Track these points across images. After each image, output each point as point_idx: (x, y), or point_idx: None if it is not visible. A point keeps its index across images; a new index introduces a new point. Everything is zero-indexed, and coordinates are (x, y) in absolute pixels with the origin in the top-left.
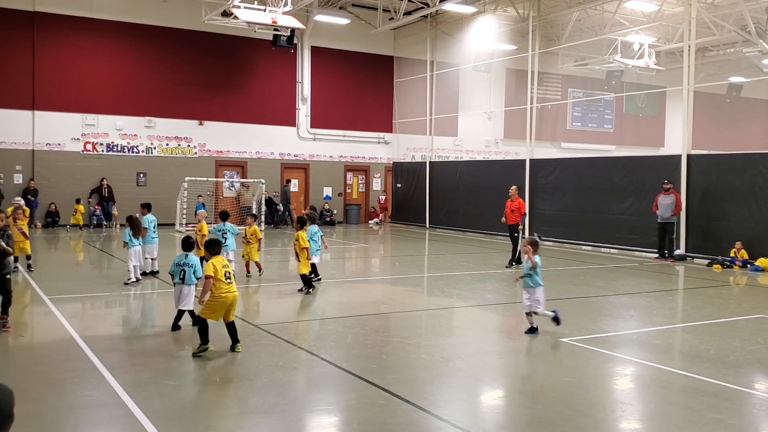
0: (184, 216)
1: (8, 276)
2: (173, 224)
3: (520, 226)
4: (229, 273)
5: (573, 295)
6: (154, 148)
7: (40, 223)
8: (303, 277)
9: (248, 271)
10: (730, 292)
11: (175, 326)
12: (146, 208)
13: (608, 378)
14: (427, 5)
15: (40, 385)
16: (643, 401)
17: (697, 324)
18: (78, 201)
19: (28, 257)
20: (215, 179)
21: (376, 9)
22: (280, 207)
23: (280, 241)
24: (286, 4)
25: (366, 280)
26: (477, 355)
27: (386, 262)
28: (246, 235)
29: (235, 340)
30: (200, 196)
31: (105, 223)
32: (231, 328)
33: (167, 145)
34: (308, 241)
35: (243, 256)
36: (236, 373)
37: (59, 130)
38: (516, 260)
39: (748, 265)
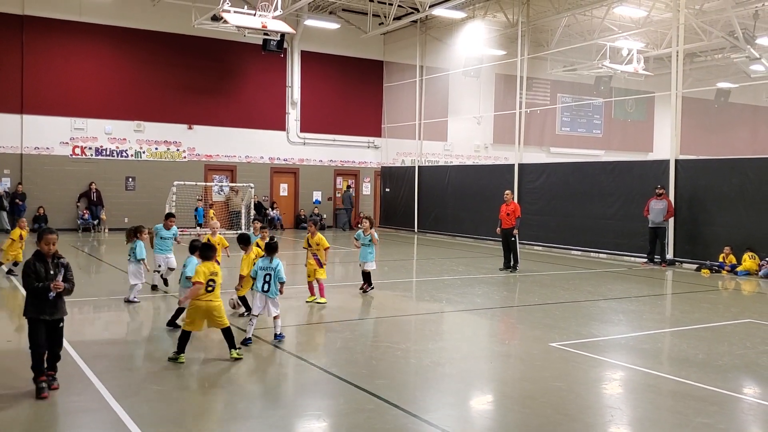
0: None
1: (61, 324)
2: None
3: (515, 230)
4: (214, 282)
5: (562, 300)
6: (143, 152)
7: (28, 227)
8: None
9: (313, 293)
10: (718, 296)
11: (172, 323)
12: (169, 217)
13: (597, 382)
14: (417, 10)
15: (27, 391)
16: (632, 406)
17: (686, 328)
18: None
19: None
20: (204, 183)
21: (366, 14)
22: (270, 211)
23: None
24: (275, 9)
25: (355, 284)
26: (466, 360)
27: (376, 266)
28: (311, 245)
29: (231, 346)
30: (199, 200)
31: (94, 224)
32: (226, 333)
33: (156, 149)
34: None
35: (308, 276)
36: (225, 379)
37: (48, 134)
38: (514, 264)
39: (737, 270)
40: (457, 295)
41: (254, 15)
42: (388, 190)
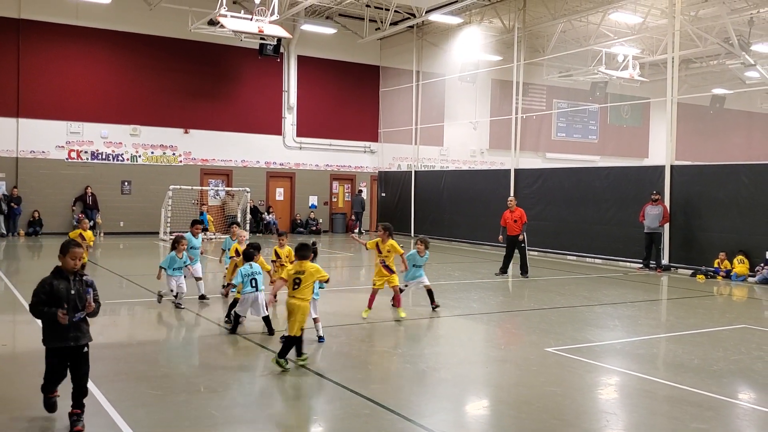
0: (169, 224)
1: (86, 349)
2: (157, 233)
3: (521, 236)
4: (300, 280)
5: (558, 305)
6: (139, 156)
7: (23, 231)
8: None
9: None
10: (713, 302)
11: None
12: (196, 224)
13: (593, 387)
14: (414, 16)
15: (21, 395)
16: (628, 411)
17: (681, 334)
18: None
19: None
20: (200, 187)
21: (363, 19)
22: (266, 215)
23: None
24: (272, 14)
25: (351, 289)
26: (462, 365)
27: (371, 271)
28: (381, 249)
29: (281, 354)
30: (204, 204)
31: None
32: (287, 340)
33: (152, 153)
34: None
35: (374, 284)
36: (220, 383)
37: (44, 138)
38: (525, 270)
39: (732, 276)
40: (452, 299)
41: (251, 19)
42: (384, 194)
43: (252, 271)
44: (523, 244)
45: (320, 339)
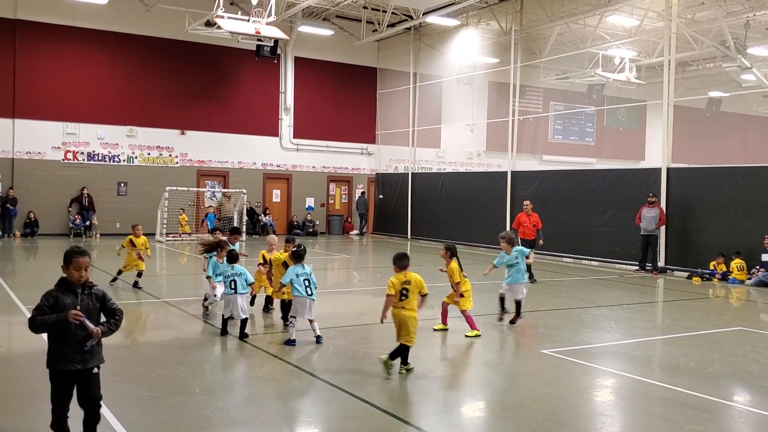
0: (165, 226)
1: (95, 370)
2: (154, 234)
3: (540, 242)
4: (407, 291)
5: (554, 307)
6: (136, 157)
7: (19, 232)
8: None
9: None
10: (709, 304)
11: (225, 332)
12: (234, 233)
13: (589, 390)
14: (411, 18)
15: (17, 396)
16: (623, 413)
17: (677, 336)
18: None
19: (140, 274)
20: (197, 189)
21: (360, 21)
22: (262, 217)
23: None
24: (269, 15)
25: (348, 291)
26: (458, 367)
27: (368, 273)
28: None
29: (402, 362)
30: (210, 206)
31: (86, 226)
32: (402, 350)
33: (149, 154)
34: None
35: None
36: (216, 384)
37: (40, 139)
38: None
39: (727, 278)
40: None
41: (248, 21)
42: (381, 196)
43: (233, 272)
44: (541, 245)
45: (318, 339)
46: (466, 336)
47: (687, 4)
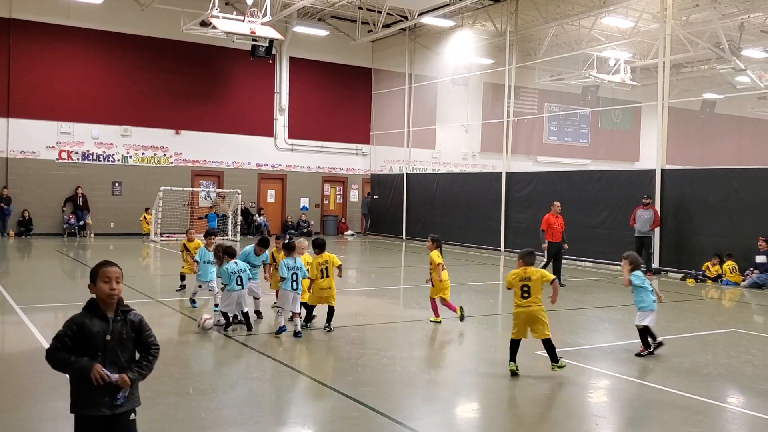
0: (159, 226)
1: (133, 416)
2: (148, 234)
3: (566, 245)
4: (528, 287)
5: (548, 308)
6: (130, 157)
7: (13, 232)
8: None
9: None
10: (703, 305)
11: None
12: (263, 245)
13: (583, 391)
14: (406, 18)
15: (10, 396)
16: (618, 414)
17: (671, 337)
18: None
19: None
20: (191, 189)
21: (355, 21)
22: (257, 217)
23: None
24: (264, 15)
25: (342, 291)
26: (452, 367)
27: (363, 273)
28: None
29: (552, 359)
30: (212, 207)
31: (80, 226)
32: (546, 345)
33: (143, 154)
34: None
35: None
36: (209, 385)
37: (34, 138)
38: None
39: (721, 280)
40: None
41: (243, 21)
42: (376, 197)
43: (237, 269)
44: (564, 250)
45: (297, 334)
46: (430, 321)
47: (682, 5)
